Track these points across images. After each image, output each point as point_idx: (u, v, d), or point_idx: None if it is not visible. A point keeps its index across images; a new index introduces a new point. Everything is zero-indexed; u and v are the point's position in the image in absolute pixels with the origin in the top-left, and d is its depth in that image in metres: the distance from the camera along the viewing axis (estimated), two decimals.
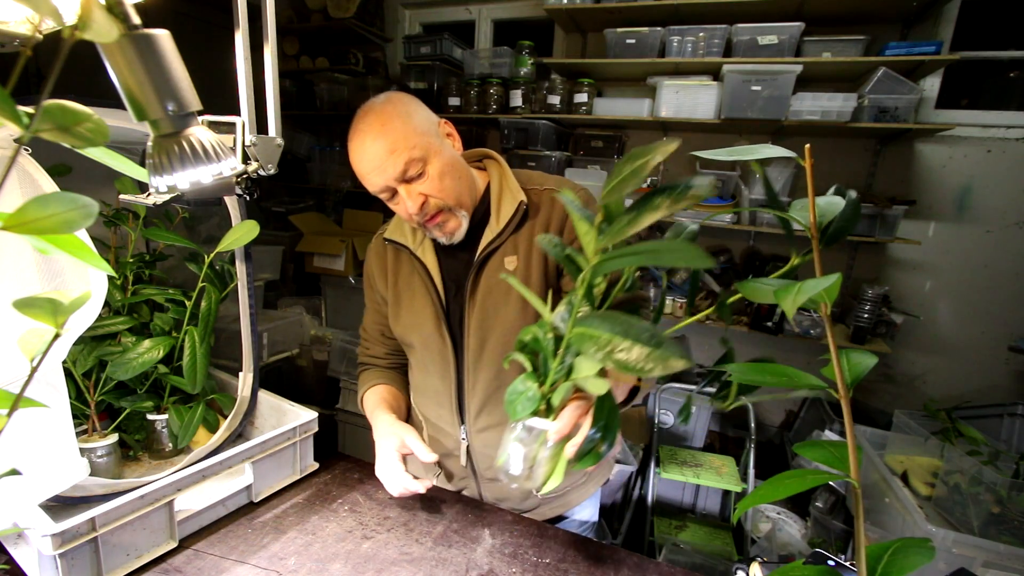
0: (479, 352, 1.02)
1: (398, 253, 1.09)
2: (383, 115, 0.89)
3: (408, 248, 1.05)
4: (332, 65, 3.44)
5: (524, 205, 0.99)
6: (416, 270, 1.06)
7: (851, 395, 0.31)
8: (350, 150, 0.91)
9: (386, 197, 0.94)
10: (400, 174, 0.89)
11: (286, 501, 1.06)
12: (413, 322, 1.07)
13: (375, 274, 1.14)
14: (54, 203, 0.26)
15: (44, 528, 0.74)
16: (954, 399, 2.27)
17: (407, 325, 1.09)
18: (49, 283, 0.81)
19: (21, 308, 0.28)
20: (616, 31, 2.58)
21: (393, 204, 0.95)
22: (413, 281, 1.07)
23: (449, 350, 1.04)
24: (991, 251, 2.47)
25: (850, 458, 0.31)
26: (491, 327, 1.00)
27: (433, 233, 0.98)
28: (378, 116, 0.89)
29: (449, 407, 1.08)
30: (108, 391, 1.10)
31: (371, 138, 0.88)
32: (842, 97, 2.26)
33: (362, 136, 0.89)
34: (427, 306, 1.05)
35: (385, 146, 0.87)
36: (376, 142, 0.87)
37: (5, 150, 0.79)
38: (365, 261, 1.18)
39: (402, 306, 1.10)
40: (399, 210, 0.96)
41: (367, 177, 0.91)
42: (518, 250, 1.00)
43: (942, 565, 1.44)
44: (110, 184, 1.11)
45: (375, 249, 1.14)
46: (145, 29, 0.55)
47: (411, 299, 1.08)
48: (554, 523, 1.13)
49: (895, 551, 0.33)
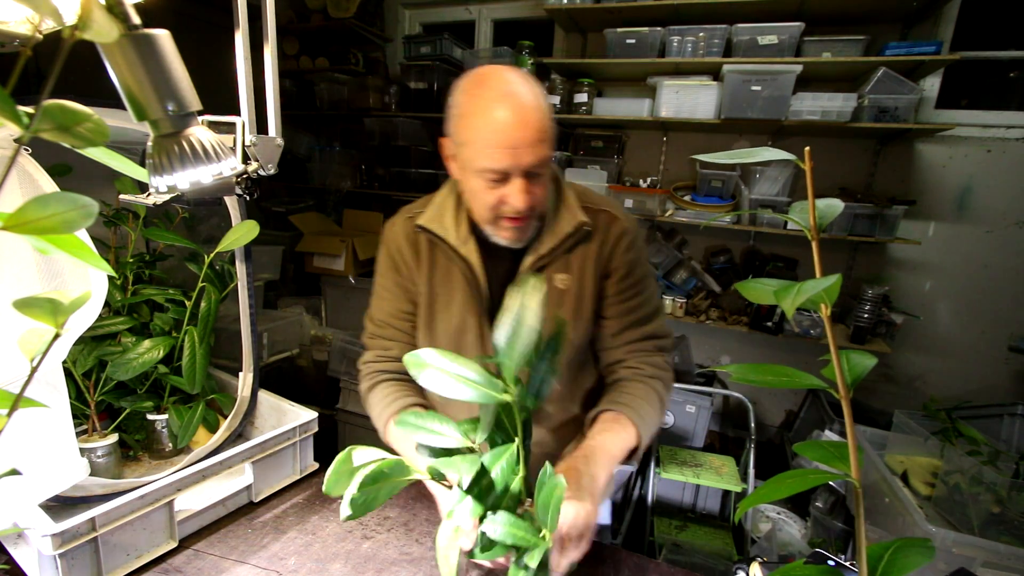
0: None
1: (433, 245, 0.99)
2: (536, 97, 0.82)
3: (448, 243, 0.95)
4: (332, 65, 3.44)
5: (587, 228, 0.94)
6: (457, 269, 0.96)
7: (851, 395, 0.31)
8: (485, 108, 0.81)
9: (492, 178, 0.83)
10: (531, 165, 0.82)
11: (286, 501, 1.06)
12: (450, 327, 0.99)
13: (408, 258, 1.01)
14: (54, 203, 0.26)
15: (44, 528, 0.74)
16: (954, 399, 2.27)
17: (442, 330, 1.00)
18: (49, 283, 0.81)
19: (21, 308, 0.28)
20: (616, 31, 2.58)
21: (490, 189, 0.85)
22: (451, 281, 0.98)
23: (491, 365, 0.99)
24: (991, 251, 2.47)
25: (851, 458, 0.31)
26: None
27: (501, 234, 0.91)
28: (533, 95, 0.81)
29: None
30: (108, 391, 1.10)
31: (523, 114, 0.80)
32: (842, 97, 2.26)
33: (514, 106, 0.80)
34: (469, 312, 0.97)
35: (535, 130, 0.80)
36: (528, 122, 0.80)
37: (5, 150, 0.79)
38: (386, 242, 1.04)
39: (437, 306, 1.00)
40: (487, 198, 0.86)
41: (500, 149, 0.80)
42: (570, 269, 0.96)
43: (942, 565, 1.44)
44: (110, 184, 1.11)
45: (404, 232, 1.01)
46: (145, 29, 0.55)
47: (448, 300, 0.98)
48: None
49: (895, 551, 0.33)
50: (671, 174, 2.94)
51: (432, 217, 0.97)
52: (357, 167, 3.43)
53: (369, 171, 3.42)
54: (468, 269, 0.95)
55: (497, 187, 0.85)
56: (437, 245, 0.98)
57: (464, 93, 0.86)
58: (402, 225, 1.03)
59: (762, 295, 0.31)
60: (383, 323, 1.07)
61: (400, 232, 1.02)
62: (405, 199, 3.29)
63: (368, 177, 3.43)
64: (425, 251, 1.00)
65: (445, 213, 0.97)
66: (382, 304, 1.06)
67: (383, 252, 1.05)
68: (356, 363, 1.15)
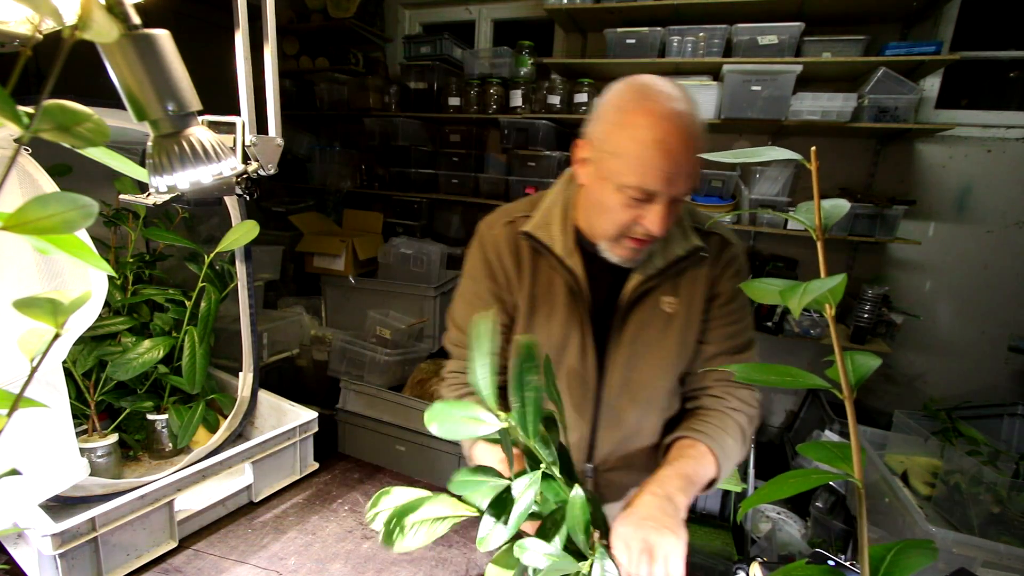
0: (621, 390, 0.93)
1: (537, 253, 0.93)
2: (701, 121, 0.78)
3: (555, 253, 0.90)
4: (332, 65, 3.44)
5: (703, 254, 0.90)
6: (561, 281, 0.92)
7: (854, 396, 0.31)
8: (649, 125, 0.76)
9: (636, 197, 0.78)
10: (681, 193, 0.78)
11: (286, 501, 1.06)
12: (550, 341, 0.94)
13: (508, 267, 0.94)
14: (54, 203, 0.26)
15: (44, 528, 0.74)
16: (954, 399, 2.27)
17: (544, 342, 0.94)
18: (49, 283, 0.81)
19: (21, 308, 0.28)
20: (616, 31, 2.58)
21: (628, 207, 0.80)
22: (554, 292, 0.93)
23: (592, 381, 0.93)
24: (991, 251, 2.47)
25: (854, 458, 0.30)
26: (638, 366, 0.92)
27: (618, 252, 0.86)
28: (698, 118, 0.78)
29: (578, 444, 0.97)
30: (108, 391, 1.10)
31: (687, 140, 0.76)
32: (842, 97, 2.26)
33: (680, 128, 0.76)
34: (572, 326, 0.92)
35: (694, 158, 0.77)
36: (690, 149, 0.76)
37: (5, 150, 0.79)
38: (483, 245, 0.96)
39: (537, 318, 0.94)
40: (621, 215, 0.81)
41: (656, 171, 0.76)
42: (678, 292, 0.92)
43: (942, 565, 1.44)
44: (110, 184, 1.11)
45: (506, 238, 0.95)
46: (145, 29, 0.55)
47: (550, 312, 0.93)
48: None
49: (898, 552, 0.33)
50: None
51: (539, 224, 0.92)
52: (357, 167, 3.43)
53: (369, 171, 3.42)
54: (574, 282, 0.90)
55: (636, 207, 0.80)
56: (541, 254, 0.92)
57: (623, 100, 0.80)
58: (504, 230, 0.95)
59: (767, 295, 0.31)
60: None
61: (501, 238, 0.95)
62: (405, 199, 3.30)
63: (368, 177, 3.43)
64: (528, 260, 0.94)
65: (552, 221, 0.91)
66: (472, 312, 0.97)
67: (478, 255, 0.97)
68: (358, 365, 1.13)
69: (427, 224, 3.34)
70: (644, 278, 0.89)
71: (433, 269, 2.85)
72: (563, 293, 0.92)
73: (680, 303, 0.92)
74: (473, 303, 0.98)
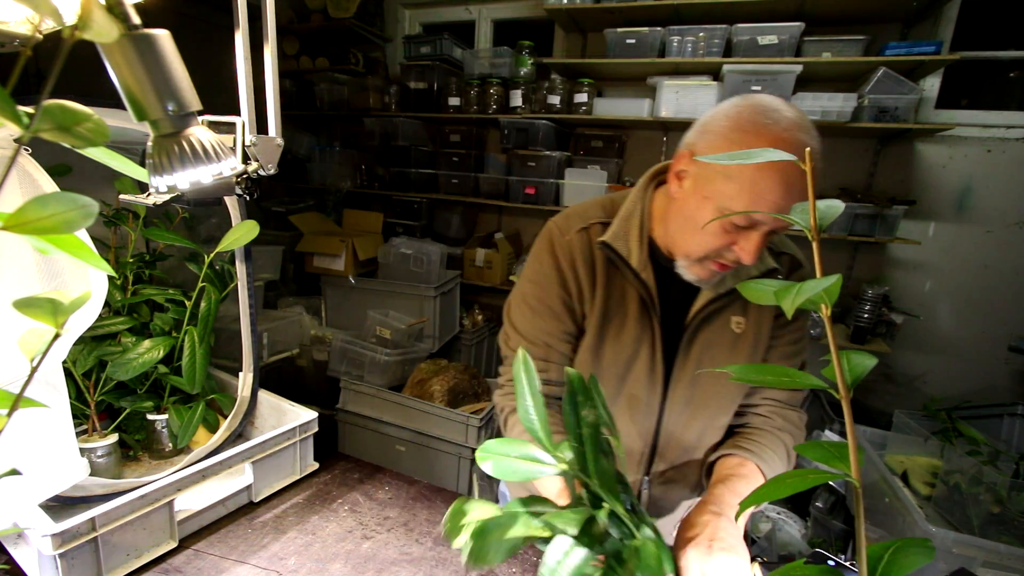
0: (684, 407, 0.92)
1: (612, 265, 0.89)
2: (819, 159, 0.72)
3: (631, 265, 0.86)
4: (332, 65, 3.44)
5: (779, 276, 0.87)
6: (634, 294, 0.89)
7: (851, 395, 0.31)
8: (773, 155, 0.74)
9: (738, 223, 0.75)
10: (783, 228, 0.75)
11: (286, 501, 1.06)
12: (619, 357, 0.91)
13: (582, 278, 0.90)
14: (54, 203, 0.26)
15: (44, 528, 0.74)
16: (954, 399, 2.26)
17: (610, 359, 0.91)
18: (49, 283, 0.81)
19: (21, 308, 0.28)
20: (616, 31, 2.58)
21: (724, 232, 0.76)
22: (626, 305, 0.90)
23: (656, 397, 0.92)
24: (991, 251, 2.47)
25: (851, 458, 0.31)
26: (702, 384, 0.91)
27: (698, 272, 0.83)
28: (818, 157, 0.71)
29: (637, 457, 0.97)
30: (108, 391, 1.10)
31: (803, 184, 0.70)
32: (842, 97, 2.26)
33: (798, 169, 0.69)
34: (643, 342, 0.89)
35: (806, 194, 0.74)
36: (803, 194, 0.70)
37: (5, 150, 0.79)
38: (553, 252, 0.91)
39: (608, 333, 0.91)
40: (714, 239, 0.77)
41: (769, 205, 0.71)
42: (747, 312, 0.90)
43: (942, 565, 1.44)
44: (110, 184, 1.11)
45: (580, 247, 0.90)
46: (145, 29, 0.55)
47: (620, 327, 0.90)
48: None
49: (895, 551, 0.33)
50: None
51: (617, 235, 0.87)
52: (357, 167, 3.43)
53: (369, 171, 3.43)
54: (647, 295, 0.87)
55: (734, 233, 0.76)
56: (616, 266, 0.89)
57: (742, 119, 0.73)
58: (578, 237, 0.90)
59: (762, 295, 0.31)
60: (540, 342, 0.92)
61: (576, 246, 0.90)
62: (405, 199, 3.30)
63: (368, 177, 3.44)
64: (602, 271, 0.90)
65: (631, 231, 0.87)
66: (539, 321, 0.92)
67: (548, 261, 0.91)
68: (360, 366, 1.11)
69: (427, 224, 3.35)
70: (714, 296, 0.87)
71: (433, 269, 2.85)
72: (635, 307, 0.89)
73: (749, 323, 0.90)
74: (540, 311, 0.92)
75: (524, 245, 3.38)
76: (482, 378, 2.54)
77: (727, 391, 0.93)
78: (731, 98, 0.78)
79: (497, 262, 3.11)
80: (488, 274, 3.15)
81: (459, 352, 3.12)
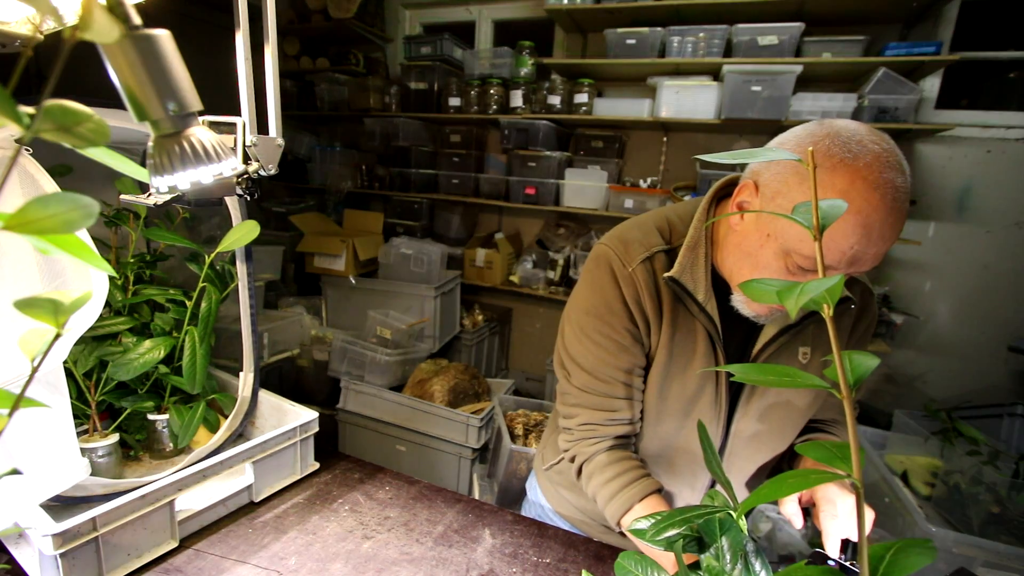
0: (749, 441, 0.90)
1: (677, 299, 0.85)
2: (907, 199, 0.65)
3: (697, 299, 0.82)
4: (332, 65, 3.45)
5: (852, 307, 0.84)
6: (701, 328, 0.84)
7: (853, 395, 0.31)
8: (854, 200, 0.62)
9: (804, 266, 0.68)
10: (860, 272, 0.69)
11: (287, 501, 1.06)
12: (684, 393, 0.87)
13: (649, 312, 0.84)
14: (55, 203, 0.26)
15: (45, 528, 0.74)
16: (954, 399, 2.27)
17: (675, 395, 0.88)
18: (50, 283, 0.81)
19: (22, 308, 0.28)
20: (616, 31, 2.58)
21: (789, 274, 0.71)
22: (692, 340, 0.85)
23: (719, 433, 0.90)
24: (991, 251, 2.47)
25: (853, 458, 0.31)
26: (769, 418, 0.88)
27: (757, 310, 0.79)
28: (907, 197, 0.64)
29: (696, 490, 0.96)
30: (109, 391, 1.10)
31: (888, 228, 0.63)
32: (842, 97, 2.26)
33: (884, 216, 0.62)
34: (708, 376, 0.86)
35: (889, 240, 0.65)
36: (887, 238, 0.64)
37: (6, 150, 0.79)
38: (618, 283, 0.85)
39: (674, 368, 0.86)
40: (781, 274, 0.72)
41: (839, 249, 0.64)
42: (814, 343, 0.86)
43: (942, 565, 1.44)
44: (111, 184, 1.11)
45: (645, 280, 0.84)
46: (146, 29, 0.55)
47: (686, 363, 0.86)
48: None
49: (897, 551, 0.33)
50: (671, 174, 2.94)
51: (684, 268, 0.82)
52: (357, 167, 3.43)
53: (369, 171, 3.43)
54: (714, 329, 0.83)
55: (798, 275, 0.69)
56: (683, 300, 0.84)
57: (818, 150, 0.65)
58: (642, 270, 0.84)
59: (765, 295, 0.31)
60: (607, 377, 0.87)
61: (641, 278, 0.84)
62: (405, 199, 3.30)
63: (368, 177, 3.44)
64: (668, 305, 0.84)
65: (697, 263, 0.82)
66: (606, 355, 0.86)
67: (612, 294, 0.85)
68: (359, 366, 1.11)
69: (427, 224, 3.35)
70: (780, 330, 0.84)
71: (433, 269, 2.85)
72: (702, 341, 0.85)
73: (815, 353, 0.86)
74: (605, 346, 0.86)
75: (524, 245, 3.38)
76: (482, 378, 2.54)
77: (792, 424, 0.90)
78: (807, 123, 0.71)
79: (497, 262, 3.11)
80: (488, 274, 3.15)
81: (459, 352, 3.12)
